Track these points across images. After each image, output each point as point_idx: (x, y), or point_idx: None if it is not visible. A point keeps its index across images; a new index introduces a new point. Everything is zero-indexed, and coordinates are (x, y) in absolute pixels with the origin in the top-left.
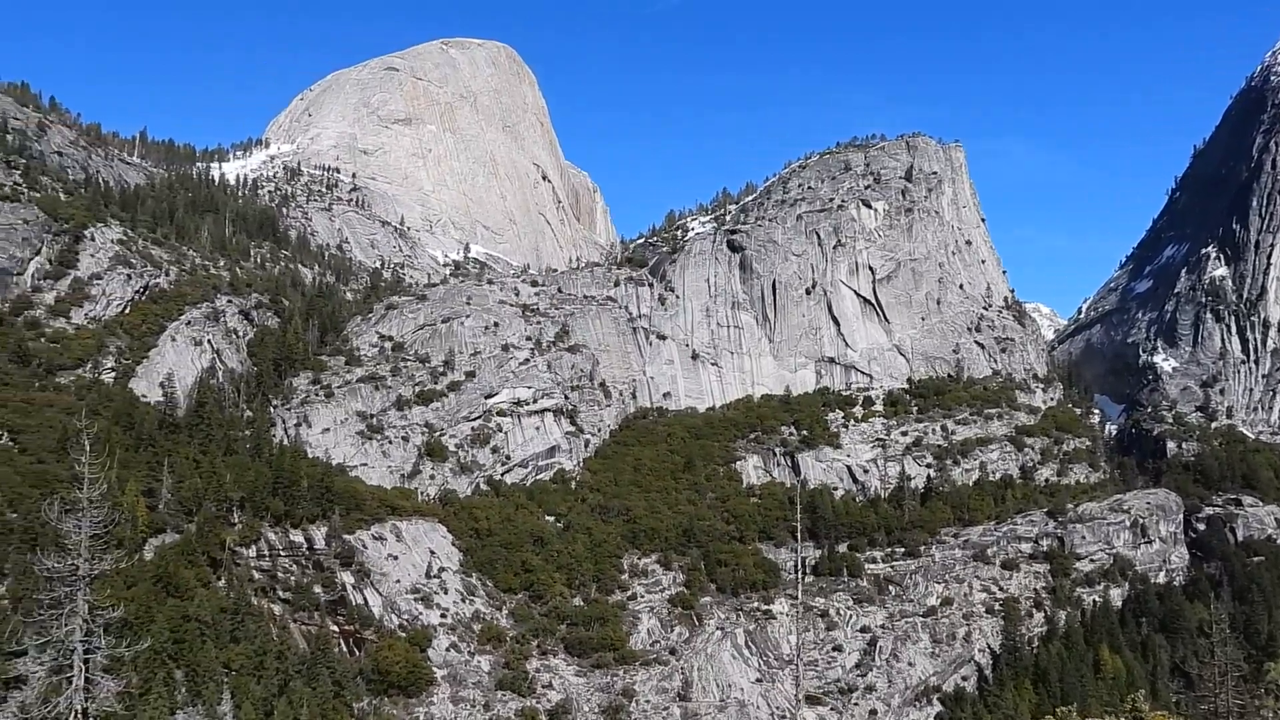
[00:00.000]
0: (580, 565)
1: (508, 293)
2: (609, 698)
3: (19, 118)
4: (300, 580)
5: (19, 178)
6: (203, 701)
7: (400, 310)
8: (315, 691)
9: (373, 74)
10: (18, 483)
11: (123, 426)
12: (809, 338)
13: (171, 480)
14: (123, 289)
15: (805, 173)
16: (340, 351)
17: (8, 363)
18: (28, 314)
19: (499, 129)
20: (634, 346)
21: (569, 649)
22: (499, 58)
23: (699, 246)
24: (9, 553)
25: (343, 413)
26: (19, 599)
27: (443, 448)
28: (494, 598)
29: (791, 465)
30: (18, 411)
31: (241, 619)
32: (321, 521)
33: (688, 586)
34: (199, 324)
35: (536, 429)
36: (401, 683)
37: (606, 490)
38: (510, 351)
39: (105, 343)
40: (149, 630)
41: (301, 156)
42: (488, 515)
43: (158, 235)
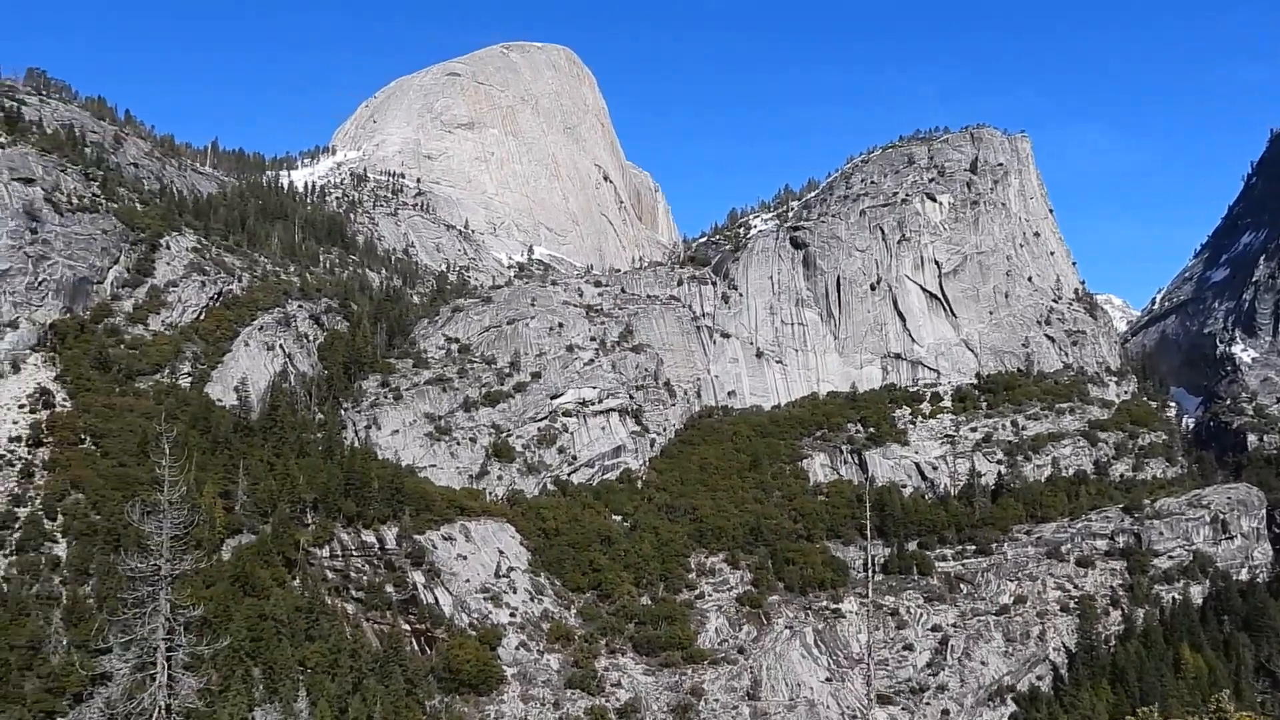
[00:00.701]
0: (647, 564)
1: (571, 294)
2: (678, 696)
3: (96, 131)
4: (372, 580)
5: (97, 189)
6: (280, 699)
7: (466, 313)
8: (388, 689)
9: (435, 80)
10: (101, 485)
11: (200, 430)
12: (874, 334)
13: (247, 482)
14: (197, 296)
15: (868, 167)
16: (408, 354)
17: (90, 369)
18: (108, 321)
19: (560, 131)
20: (698, 345)
21: (637, 648)
22: (559, 60)
23: (762, 244)
24: (94, 553)
25: (411, 414)
26: (104, 598)
27: (510, 448)
28: (562, 597)
29: (859, 463)
30: (100, 416)
31: (316, 618)
32: (392, 522)
33: (755, 585)
34: (271, 329)
35: (602, 429)
36: (472, 681)
37: (672, 489)
38: (575, 352)
39: (182, 348)
40: (227, 629)
41: (367, 163)
42: (555, 515)
43: (230, 243)
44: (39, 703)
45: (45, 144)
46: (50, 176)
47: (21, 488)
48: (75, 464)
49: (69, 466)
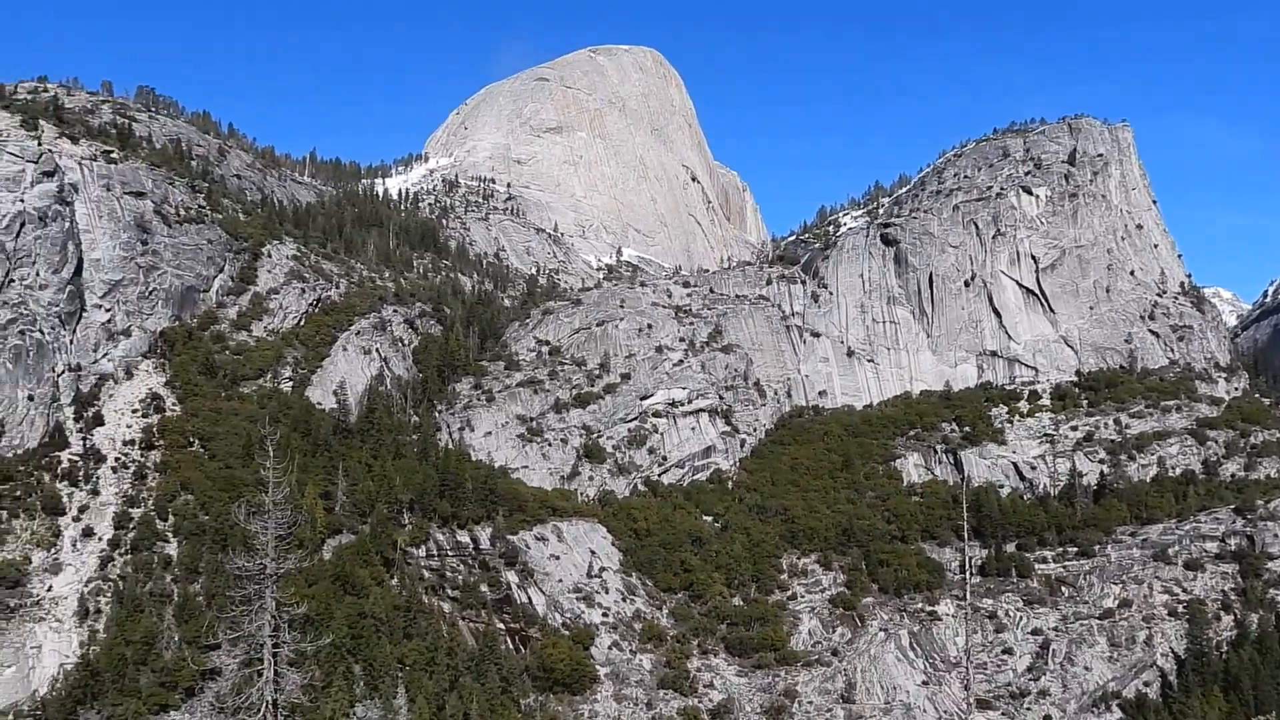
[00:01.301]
0: (739, 565)
1: (660, 294)
2: (771, 698)
3: (202, 144)
4: (467, 579)
5: (203, 201)
6: (379, 695)
7: (556, 315)
8: (484, 687)
9: (524, 85)
10: (209, 487)
11: (301, 433)
12: (969, 331)
13: (346, 483)
14: (297, 302)
15: (961, 161)
16: (500, 357)
17: (197, 374)
18: (213, 328)
19: (647, 132)
20: (788, 345)
21: (730, 649)
22: (645, 62)
23: (852, 241)
24: (203, 552)
25: (503, 416)
26: (213, 596)
27: (600, 449)
28: (654, 597)
29: (954, 463)
30: (207, 420)
31: (413, 616)
32: (486, 522)
33: (849, 587)
34: (367, 333)
35: (692, 429)
36: (566, 680)
37: (764, 490)
38: (664, 353)
39: (283, 353)
40: (329, 627)
41: (459, 169)
42: (646, 516)
43: (328, 250)
44: (153, 696)
45: (154, 158)
46: (159, 189)
47: (135, 489)
48: (185, 466)
49: (179, 468)
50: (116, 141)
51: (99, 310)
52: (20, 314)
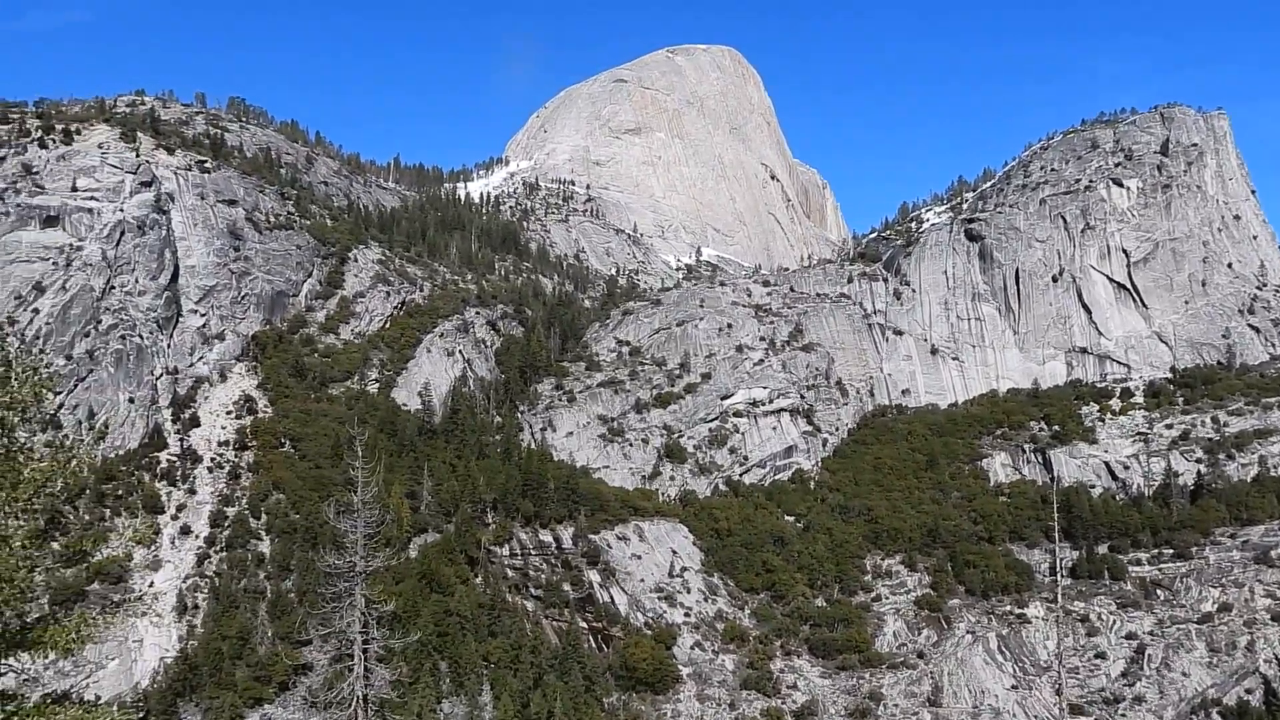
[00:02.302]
0: (822, 566)
1: (740, 294)
2: (855, 700)
3: (290, 152)
4: (550, 578)
5: (292, 207)
6: (465, 692)
7: (636, 315)
8: (567, 686)
9: (603, 87)
10: (299, 486)
11: (387, 433)
12: (1057, 327)
13: (431, 483)
14: (383, 305)
15: (1048, 154)
16: (581, 357)
17: (287, 376)
18: (303, 331)
19: (726, 132)
20: (870, 343)
21: (813, 650)
22: (723, 61)
23: (935, 237)
24: (294, 550)
25: (585, 416)
26: (304, 593)
27: (681, 449)
28: (736, 597)
29: (1043, 462)
30: (297, 421)
31: (498, 615)
32: (568, 522)
33: (934, 588)
34: (451, 335)
35: (773, 429)
36: (649, 679)
37: (846, 490)
38: (744, 352)
39: (369, 356)
40: (416, 624)
41: (539, 171)
42: (727, 515)
43: (412, 254)
44: (248, 690)
45: (245, 167)
46: (250, 197)
47: (230, 488)
48: (276, 466)
49: (271, 468)
50: (210, 151)
51: (194, 315)
52: (121, 320)
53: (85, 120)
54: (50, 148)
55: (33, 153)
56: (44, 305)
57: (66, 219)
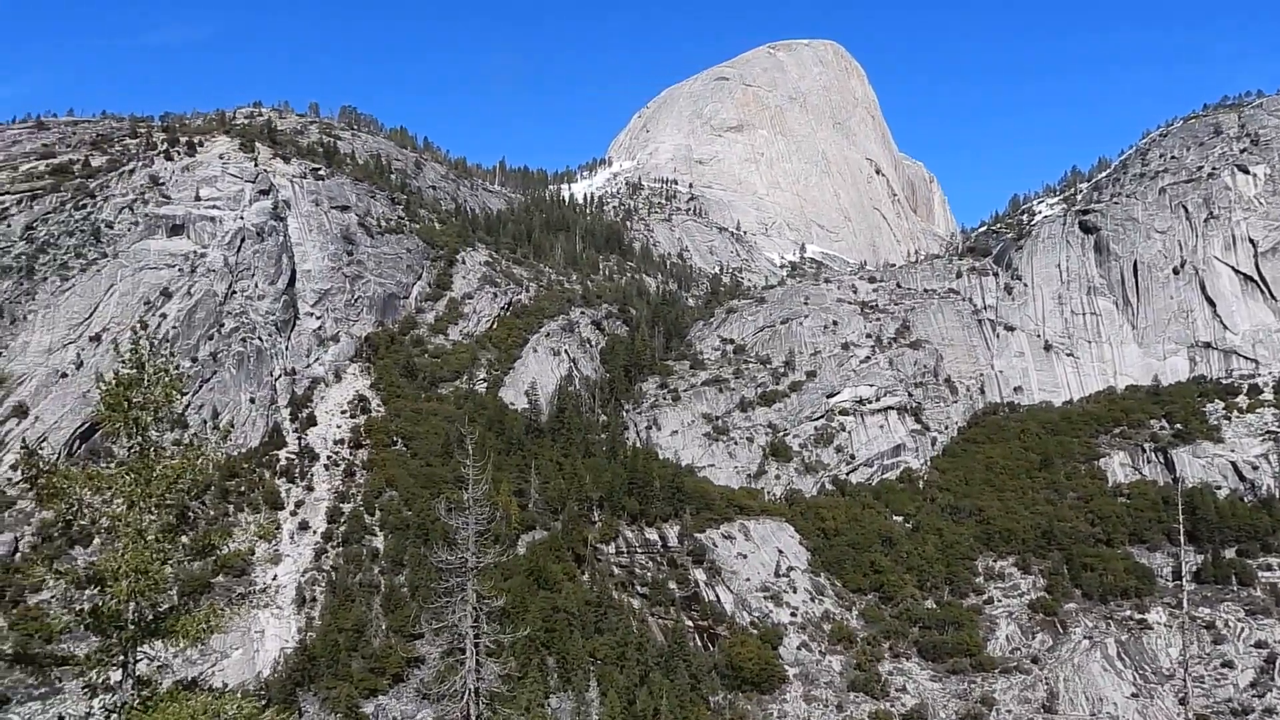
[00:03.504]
0: (931, 567)
1: (845, 290)
2: (967, 705)
3: (399, 158)
4: (656, 576)
5: (401, 212)
6: (572, 688)
7: (740, 313)
8: (673, 684)
9: (704, 85)
10: (411, 484)
11: (495, 432)
12: (1178, 322)
13: (538, 481)
14: (490, 306)
15: (1167, 141)
16: (685, 356)
17: (399, 377)
18: (413, 333)
19: (829, 127)
20: (980, 340)
21: (922, 652)
22: (826, 55)
23: (1048, 230)
24: (407, 546)
25: (689, 415)
26: (416, 588)
27: (786, 448)
28: (843, 598)
29: (1164, 462)
30: (409, 420)
31: (604, 612)
32: (674, 520)
33: (1049, 591)
34: (556, 335)
35: (880, 428)
36: (755, 679)
37: (956, 490)
38: (850, 350)
39: (477, 356)
40: (524, 619)
41: (641, 171)
42: (834, 515)
43: (518, 255)
44: (364, 681)
45: (357, 173)
46: (362, 203)
47: (345, 485)
48: (389, 464)
49: (384, 466)
50: (323, 159)
51: (310, 318)
52: (242, 323)
53: (207, 132)
54: (175, 159)
55: (159, 164)
56: (171, 310)
57: (191, 227)
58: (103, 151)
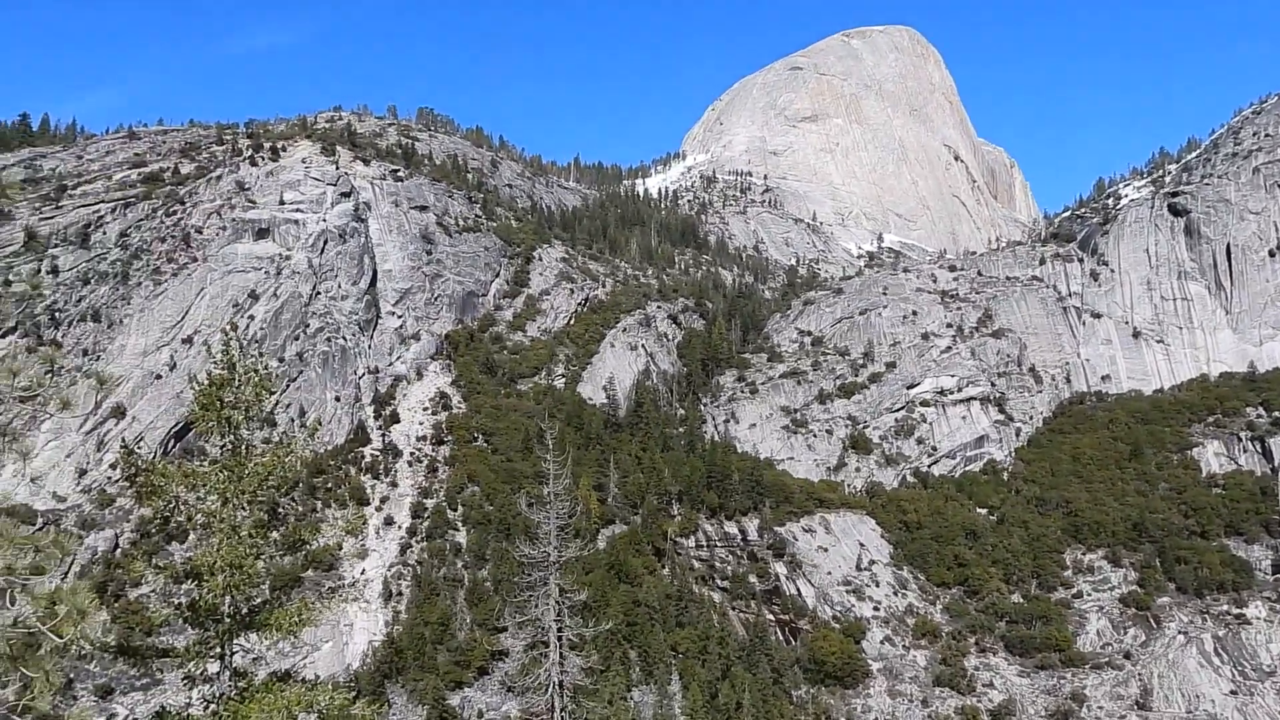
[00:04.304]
0: (1017, 560)
1: (924, 280)
2: (1056, 701)
3: (476, 158)
4: (736, 570)
5: (479, 210)
6: (654, 681)
7: (817, 305)
8: (755, 677)
9: (777, 76)
10: (492, 479)
11: (574, 427)
12: (1276, 306)
13: (617, 475)
14: (567, 302)
15: (1261, 119)
16: (762, 349)
17: (479, 374)
18: (492, 330)
19: (906, 114)
20: (1065, 327)
21: (1009, 647)
22: (901, 41)
23: (1135, 214)
24: (489, 540)
25: (767, 408)
26: (499, 582)
27: (866, 440)
28: (927, 592)
29: (1262, 451)
30: (489, 416)
31: (685, 605)
32: (753, 514)
33: (1141, 585)
34: (633, 330)
35: (963, 418)
36: (837, 673)
37: (1042, 481)
38: (930, 340)
39: (555, 352)
40: (605, 613)
41: (715, 164)
42: (916, 508)
43: (593, 251)
44: (449, 674)
45: (435, 173)
46: (440, 202)
47: (428, 481)
48: (471, 460)
49: (465, 462)
50: (402, 160)
51: (392, 317)
52: (326, 323)
53: (289, 137)
54: (260, 165)
55: (245, 170)
56: (258, 311)
57: (276, 230)
58: (191, 159)
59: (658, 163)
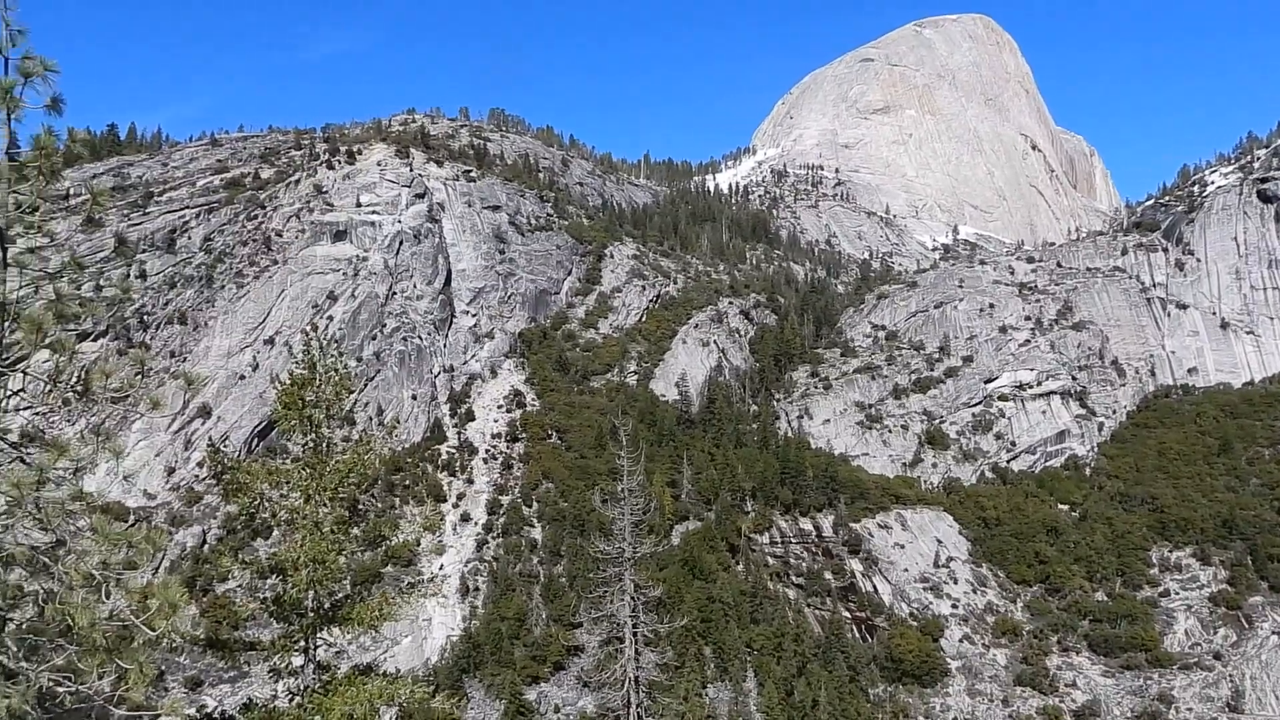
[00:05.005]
0: (1101, 558)
1: (1001, 272)
2: (1143, 702)
3: (547, 157)
4: (811, 566)
5: (550, 209)
6: (729, 678)
7: (891, 299)
8: (831, 675)
9: (848, 68)
10: (566, 476)
11: (646, 424)
12: None
13: (690, 472)
14: (638, 299)
15: None
16: (835, 344)
17: (552, 371)
18: (564, 327)
19: (980, 103)
20: (1149, 319)
21: (1093, 647)
22: (975, 29)
23: (1222, 201)
24: (563, 536)
25: (841, 404)
26: (574, 577)
27: (943, 435)
28: (1007, 589)
29: None
30: (563, 413)
31: (759, 602)
32: (828, 510)
33: (1232, 584)
34: (705, 326)
35: (1042, 413)
36: (915, 672)
37: (1126, 477)
38: (1008, 333)
39: (627, 349)
40: (680, 609)
41: (786, 158)
42: (995, 504)
43: (664, 248)
44: (526, 668)
45: (506, 173)
46: (512, 202)
47: (503, 478)
48: (545, 457)
49: (540, 459)
50: (474, 161)
51: (466, 316)
52: (403, 323)
53: (365, 141)
54: (336, 168)
55: (322, 174)
56: (336, 312)
57: (353, 232)
58: (271, 164)
59: (728, 158)
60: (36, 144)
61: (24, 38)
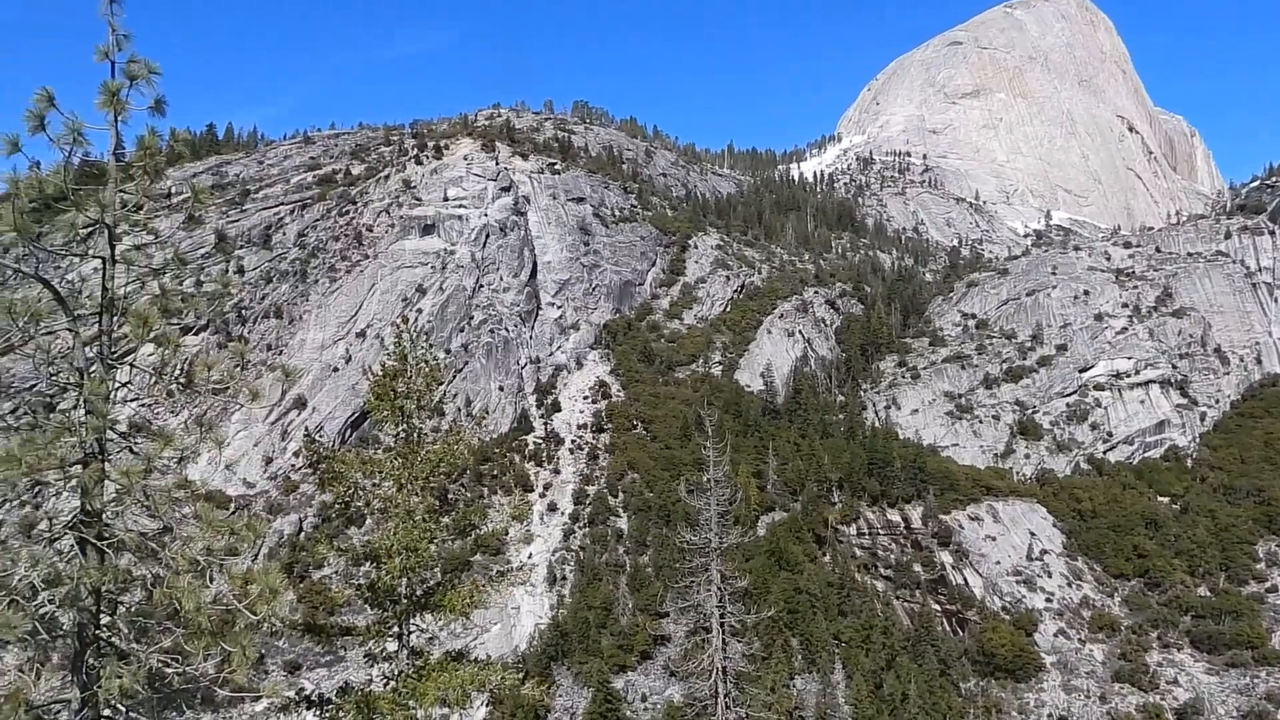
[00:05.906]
0: (1203, 552)
1: (1097, 258)
2: (1249, 701)
3: (630, 148)
4: (899, 558)
5: (634, 200)
6: (817, 670)
7: (981, 287)
8: (921, 668)
9: (936, 52)
10: (652, 466)
11: (731, 414)
12: None
13: (776, 462)
14: (723, 289)
15: None
16: (923, 333)
17: (636, 362)
18: (649, 319)
19: (1074, 85)
20: (1254, 305)
21: (1196, 643)
22: (1068, 9)
23: None
24: (649, 526)
25: (930, 394)
26: (660, 568)
27: (1036, 425)
28: (1103, 583)
29: None
30: (648, 404)
31: (847, 594)
32: (916, 501)
33: None
34: (790, 316)
35: (1141, 403)
36: (1008, 666)
37: (1231, 468)
38: (1104, 321)
39: (712, 339)
40: (766, 600)
41: (872, 145)
42: (1090, 496)
43: (748, 237)
44: (613, 657)
45: (590, 165)
46: (596, 194)
47: (589, 468)
48: (630, 447)
49: (625, 449)
50: (558, 154)
51: (551, 308)
52: (490, 315)
53: (451, 136)
54: (424, 163)
55: (410, 169)
56: (425, 305)
57: (440, 226)
58: (361, 160)
59: (812, 146)
60: (141, 144)
61: (129, 42)
